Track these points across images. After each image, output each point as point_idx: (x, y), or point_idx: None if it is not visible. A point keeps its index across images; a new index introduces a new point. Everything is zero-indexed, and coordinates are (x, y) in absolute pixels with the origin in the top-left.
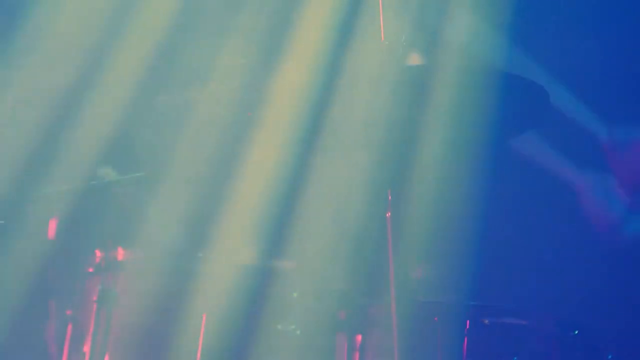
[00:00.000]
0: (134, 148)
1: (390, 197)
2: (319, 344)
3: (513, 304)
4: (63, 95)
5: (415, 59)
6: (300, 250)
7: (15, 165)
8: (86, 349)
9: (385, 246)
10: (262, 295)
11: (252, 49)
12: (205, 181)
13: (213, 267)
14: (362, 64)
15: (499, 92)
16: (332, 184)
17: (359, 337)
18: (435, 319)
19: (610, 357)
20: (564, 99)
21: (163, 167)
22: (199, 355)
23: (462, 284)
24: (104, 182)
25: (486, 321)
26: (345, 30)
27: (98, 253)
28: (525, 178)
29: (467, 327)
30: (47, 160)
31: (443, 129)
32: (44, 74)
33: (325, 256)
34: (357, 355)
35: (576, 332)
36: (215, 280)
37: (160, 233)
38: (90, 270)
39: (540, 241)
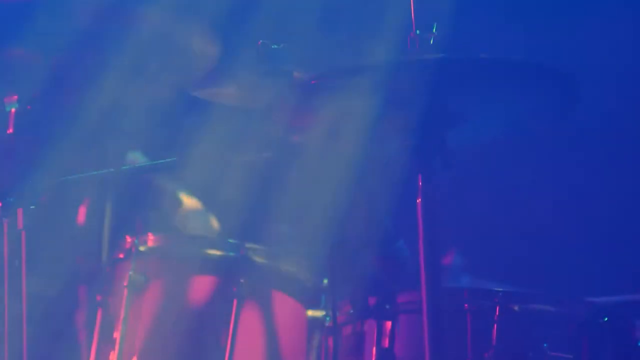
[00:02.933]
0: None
1: (420, 183)
2: (347, 330)
3: (543, 290)
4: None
5: None
6: (329, 236)
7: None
8: (116, 335)
9: (416, 232)
10: (292, 282)
11: None
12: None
13: (242, 252)
14: None
15: None
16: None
17: (389, 324)
18: (466, 305)
19: None
20: None
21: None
22: (229, 340)
23: (493, 271)
24: (135, 167)
25: (516, 308)
26: None
27: (128, 238)
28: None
29: (497, 313)
30: (79, 144)
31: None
32: None
33: (354, 243)
34: (386, 342)
35: (606, 318)
36: (245, 266)
37: (190, 219)
38: (121, 255)
39: (571, 227)
